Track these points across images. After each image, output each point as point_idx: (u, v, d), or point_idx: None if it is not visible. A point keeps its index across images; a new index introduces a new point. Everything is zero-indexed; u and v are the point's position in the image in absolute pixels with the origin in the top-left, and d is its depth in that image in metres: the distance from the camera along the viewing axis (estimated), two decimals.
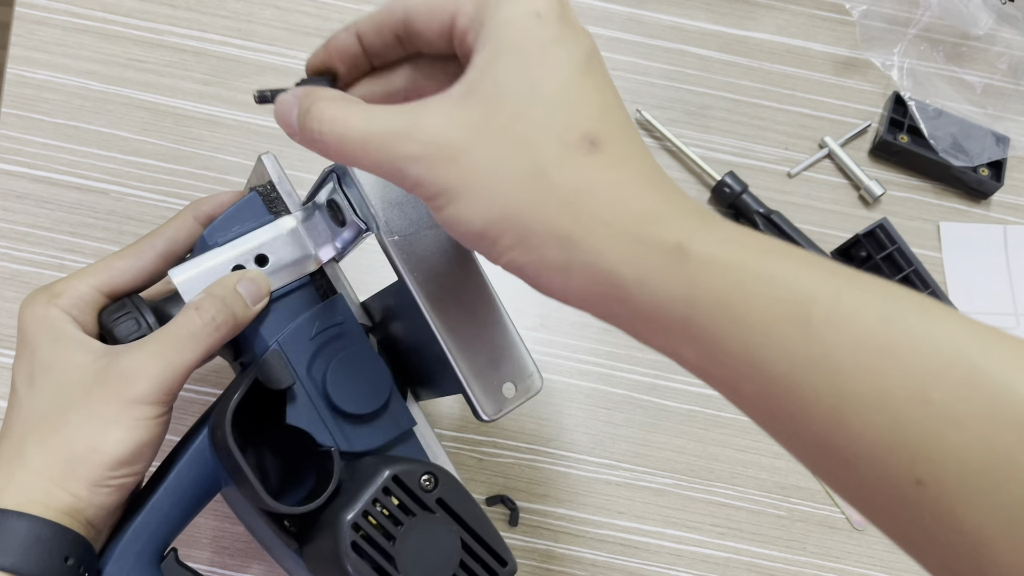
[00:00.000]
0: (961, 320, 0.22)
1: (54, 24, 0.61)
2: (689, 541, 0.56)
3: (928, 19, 0.65)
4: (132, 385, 0.35)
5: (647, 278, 0.25)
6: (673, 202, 0.26)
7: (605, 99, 0.28)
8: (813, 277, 0.24)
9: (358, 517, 0.35)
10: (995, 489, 0.20)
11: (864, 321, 0.22)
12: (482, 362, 0.37)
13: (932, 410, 0.21)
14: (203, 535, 0.53)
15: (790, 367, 0.23)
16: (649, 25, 0.66)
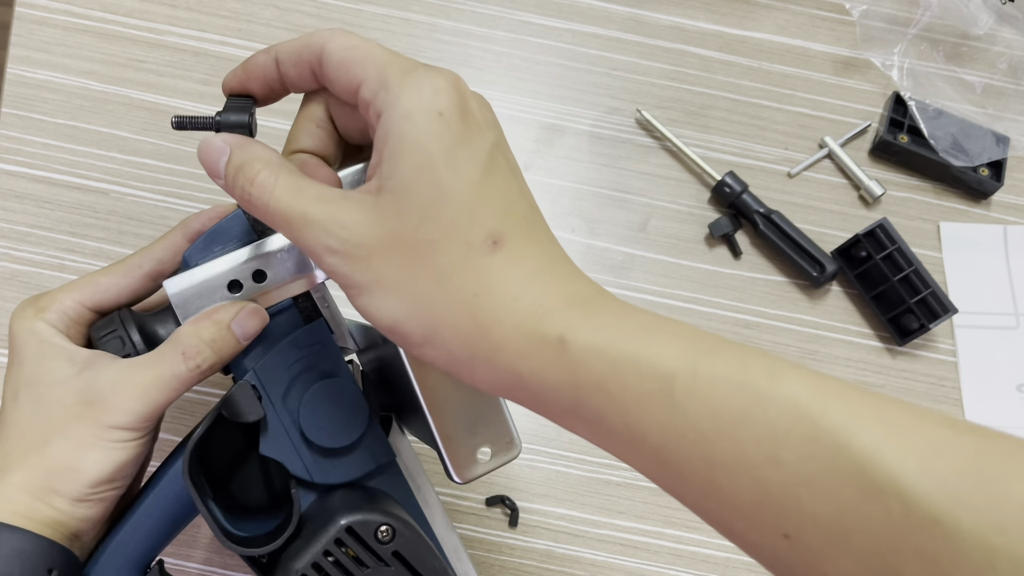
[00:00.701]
0: (807, 379, 0.24)
1: (54, 24, 0.61)
2: (689, 541, 0.56)
3: (928, 19, 0.65)
4: (110, 413, 0.35)
5: (538, 369, 0.27)
6: (560, 292, 0.28)
7: (508, 195, 0.29)
8: (676, 352, 0.26)
9: (307, 568, 0.34)
10: (845, 541, 0.22)
11: (719, 390, 0.24)
12: (460, 425, 0.36)
13: (785, 470, 0.23)
14: (203, 535, 0.53)
15: (664, 439, 0.25)
16: (649, 25, 0.66)
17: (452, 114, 0.28)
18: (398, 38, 0.64)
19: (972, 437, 0.21)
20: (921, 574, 0.20)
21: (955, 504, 0.20)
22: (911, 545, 0.20)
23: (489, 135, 0.29)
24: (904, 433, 0.21)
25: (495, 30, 0.65)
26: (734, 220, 0.61)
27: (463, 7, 0.65)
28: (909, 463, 0.21)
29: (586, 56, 0.65)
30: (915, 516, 0.20)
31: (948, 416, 0.22)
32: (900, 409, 0.22)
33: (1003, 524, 0.19)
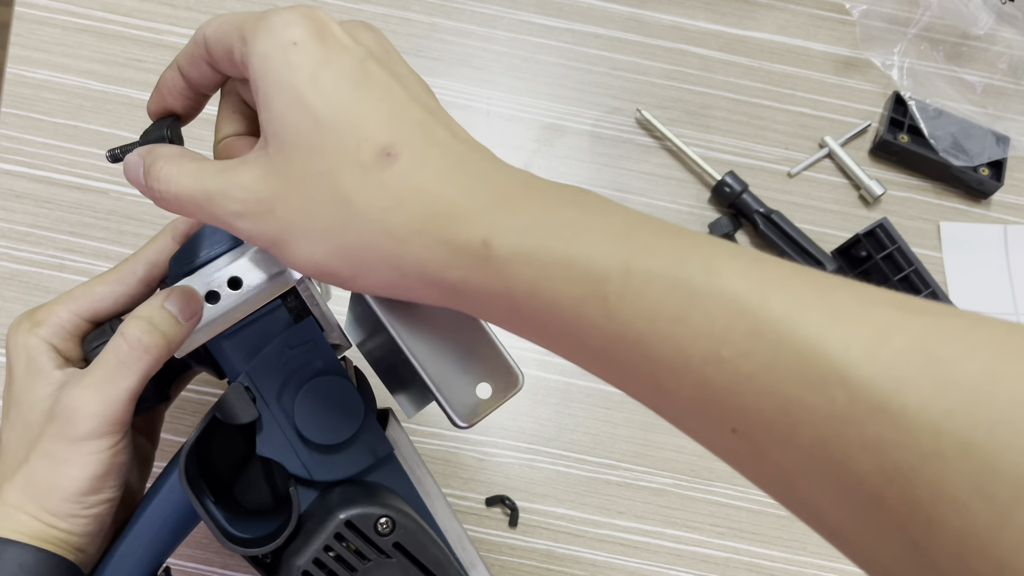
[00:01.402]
0: (746, 270, 0.22)
1: (54, 24, 0.61)
2: (689, 541, 0.56)
3: (928, 19, 0.65)
4: (75, 424, 0.35)
5: (468, 278, 0.26)
6: (476, 193, 0.27)
7: (392, 103, 0.28)
8: (607, 251, 0.24)
9: (308, 565, 0.34)
10: (791, 432, 0.21)
11: (653, 291, 0.23)
12: (451, 364, 0.34)
13: (725, 367, 0.22)
14: (204, 535, 0.53)
15: (604, 343, 0.24)
16: (649, 25, 0.66)
17: (307, 40, 0.27)
18: (398, 38, 0.64)
19: (921, 318, 0.20)
20: (868, 461, 0.20)
21: (901, 389, 0.19)
22: (857, 434, 0.20)
23: (357, 50, 0.28)
24: (849, 319, 0.20)
25: (495, 30, 0.65)
26: (734, 220, 0.61)
27: (463, 7, 0.65)
28: (854, 350, 0.20)
29: (586, 56, 0.65)
30: (860, 404, 0.19)
31: (899, 295, 0.21)
32: (847, 293, 0.21)
33: (950, 407, 0.19)
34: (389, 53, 0.29)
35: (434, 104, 0.29)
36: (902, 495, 0.19)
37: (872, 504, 0.20)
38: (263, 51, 0.27)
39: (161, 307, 0.36)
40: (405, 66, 0.30)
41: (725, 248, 0.23)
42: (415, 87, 0.29)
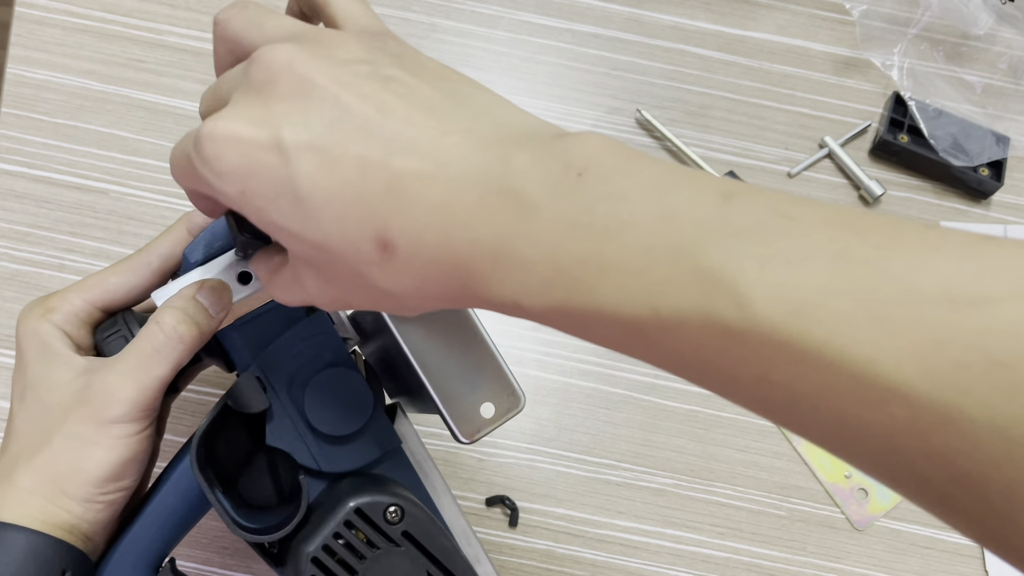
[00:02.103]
0: (778, 291, 0.21)
1: (54, 24, 0.61)
2: (689, 541, 0.56)
3: (928, 19, 0.65)
4: (107, 407, 0.35)
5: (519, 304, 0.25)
6: (486, 246, 0.25)
7: (363, 176, 0.25)
8: (635, 300, 0.23)
9: (318, 551, 0.34)
10: (854, 445, 0.21)
11: (690, 335, 0.22)
12: (457, 382, 0.36)
13: (777, 390, 0.22)
14: (204, 535, 0.53)
15: (653, 363, 0.24)
16: (649, 25, 0.66)
17: (262, 154, 0.26)
18: None
19: (977, 315, 0.19)
20: (937, 469, 0.19)
21: (964, 401, 0.18)
22: (920, 445, 0.19)
23: (302, 137, 0.26)
24: (900, 329, 0.19)
25: (495, 30, 0.65)
26: None
27: (463, 7, 0.65)
28: (908, 366, 0.19)
29: (586, 56, 0.65)
30: (922, 419, 0.19)
31: (948, 284, 0.19)
32: (894, 291, 0.20)
33: (1017, 413, 0.18)
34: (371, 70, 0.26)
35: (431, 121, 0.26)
36: (974, 498, 0.19)
37: (944, 502, 0.20)
38: (232, 193, 0.26)
39: (194, 299, 0.36)
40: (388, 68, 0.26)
41: (749, 266, 0.21)
42: (396, 111, 0.25)
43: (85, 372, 0.36)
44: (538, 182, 0.23)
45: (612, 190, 0.23)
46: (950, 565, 0.57)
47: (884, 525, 0.58)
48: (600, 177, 0.23)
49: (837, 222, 0.21)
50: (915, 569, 0.57)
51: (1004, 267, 0.19)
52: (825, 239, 0.20)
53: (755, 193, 0.22)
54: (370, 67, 0.26)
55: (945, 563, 0.57)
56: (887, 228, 0.20)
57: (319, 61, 0.26)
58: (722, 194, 0.22)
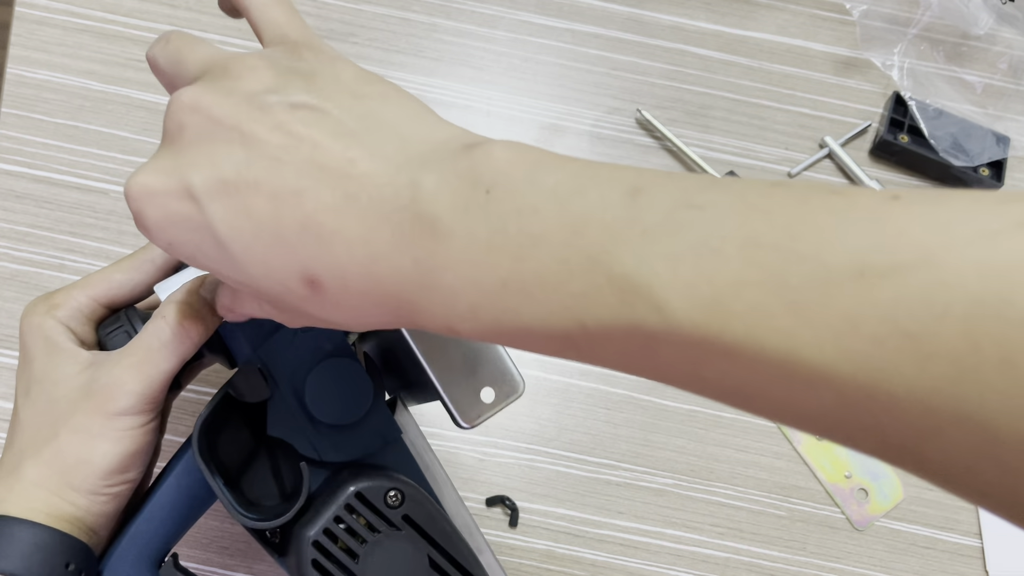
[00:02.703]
0: (692, 290, 0.20)
1: (54, 24, 0.61)
2: (689, 541, 0.56)
3: (928, 19, 0.65)
4: (114, 400, 0.35)
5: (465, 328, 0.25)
6: (406, 271, 0.24)
7: (276, 218, 0.25)
8: (561, 315, 0.22)
9: (319, 535, 0.35)
10: (805, 424, 0.21)
11: (615, 343, 0.22)
12: (457, 367, 0.36)
13: (710, 385, 0.22)
14: (203, 535, 0.53)
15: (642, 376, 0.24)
16: (649, 25, 0.66)
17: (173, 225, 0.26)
18: (398, 38, 0.64)
19: (886, 288, 0.18)
20: (876, 445, 0.19)
21: (882, 376, 0.18)
22: (856, 423, 0.19)
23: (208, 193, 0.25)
24: (815, 315, 0.19)
25: (495, 30, 0.65)
26: None
27: (463, 7, 0.65)
28: (828, 349, 0.19)
29: (586, 56, 0.65)
30: (849, 399, 0.19)
31: (856, 257, 0.19)
32: (807, 282, 0.19)
33: (932, 385, 0.18)
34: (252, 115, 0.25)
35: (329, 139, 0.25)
36: (915, 465, 0.19)
37: (896, 463, 0.20)
38: (162, 246, 0.27)
39: (198, 293, 0.37)
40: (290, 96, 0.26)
41: (661, 255, 0.21)
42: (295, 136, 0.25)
43: (91, 366, 0.37)
44: (448, 205, 0.23)
45: (521, 204, 0.22)
46: (950, 565, 0.57)
47: (884, 525, 0.58)
48: (508, 191, 0.22)
49: (745, 205, 0.20)
50: (915, 569, 0.57)
51: (910, 231, 0.18)
52: (734, 226, 0.20)
53: (662, 184, 0.22)
54: (278, 96, 0.25)
55: (945, 563, 0.57)
56: (794, 204, 0.20)
57: (224, 98, 0.25)
58: (629, 190, 0.22)
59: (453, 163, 0.24)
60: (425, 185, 0.23)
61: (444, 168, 0.24)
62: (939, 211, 0.18)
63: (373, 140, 0.25)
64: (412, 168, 0.24)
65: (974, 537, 0.58)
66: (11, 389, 0.55)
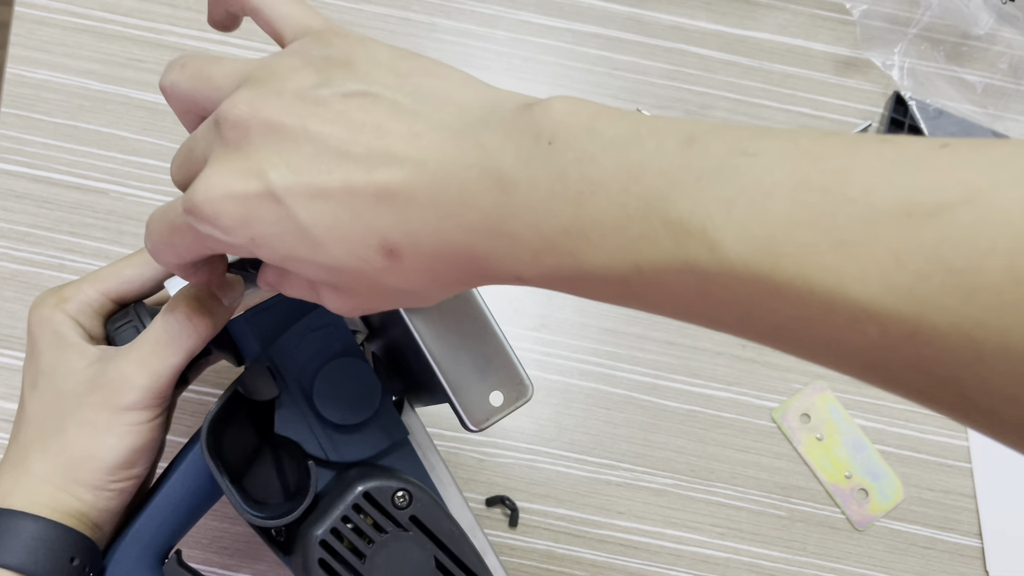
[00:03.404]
0: (746, 230, 0.21)
1: (54, 24, 0.61)
2: (689, 541, 0.56)
3: (928, 19, 0.65)
4: (120, 394, 0.35)
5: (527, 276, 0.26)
6: (480, 231, 0.26)
7: (351, 191, 0.26)
8: (615, 257, 0.24)
9: (326, 534, 0.35)
10: (837, 363, 0.22)
11: (670, 282, 0.23)
12: (468, 371, 0.36)
13: (760, 323, 0.23)
14: (203, 535, 0.53)
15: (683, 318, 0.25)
16: (649, 25, 0.66)
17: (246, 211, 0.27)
18: (398, 37, 0.64)
19: (933, 225, 0.19)
20: (917, 379, 0.20)
21: (926, 310, 0.19)
22: (898, 359, 0.20)
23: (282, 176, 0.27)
24: (862, 253, 0.20)
25: (495, 30, 0.65)
26: None
27: (463, 7, 0.65)
28: (873, 285, 0.20)
29: (586, 56, 0.65)
30: (893, 334, 0.20)
31: (904, 198, 0.19)
32: (855, 222, 0.20)
33: (978, 317, 0.18)
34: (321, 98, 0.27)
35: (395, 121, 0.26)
36: (957, 398, 0.20)
37: (934, 402, 0.21)
38: (243, 243, 0.27)
39: (207, 289, 0.37)
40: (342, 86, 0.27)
41: (716, 199, 0.21)
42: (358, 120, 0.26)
43: (98, 360, 0.37)
44: (512, 158, 0.24)
45: (581, 154, 0.23)
46: (950, 565, 0.57)
47: (884, 525, 0.58)
48: (569, 142, 0.24)
49: (796, 152, 0.21)
50: (915, 569, 0.57)
51: (957, 173, 0.19)
52: (785, 171, 0.21)
53: (715, 133, 0.23)
54: (329, 88, 0.27)
55: (945, 563, 0.57)
56: (844, 150, 0.21)
57: (278, 100, 0.27)
58: (684, 139, 0.23)
59: (514, 121, 0.25)
60: (489, 143, 0.25)
61: (505, 126, 0.25)
62: (986, 155, 0.19)
63: (431, 112, 0.26)
64: (474, 131, 0.25)
65: (974, 537, 0.58)
66: (11, 389, 0.55)
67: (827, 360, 0.22)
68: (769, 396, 0.59)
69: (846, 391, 0.59)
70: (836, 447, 0.58)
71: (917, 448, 0.59)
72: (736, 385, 0.59)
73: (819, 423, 0.59)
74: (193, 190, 0.27)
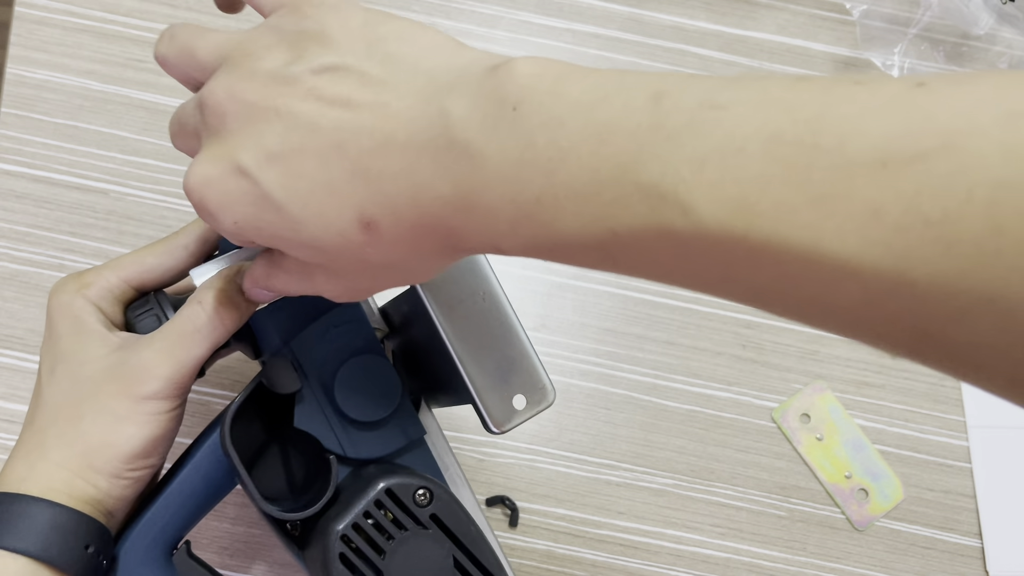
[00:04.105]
0: (718, 190, 0.20)
1: (54, 24, 0.61)
2: (689, 541, 0.56)
3: (928, 19, 0.65)
4: (142, 383, 0.35)
5: None
6: (464, 197, 0.26)
7: (324, 162, 0.27)
8: (590, 223, 0.23)
9: (348, 529, 0.35)
10: (821, 322, 0.22)
11: (647, 245, 0.22)
12: (492, 374, 0.36)
13: (737, 287, 0.22)
14: (203, 535, 0.53)
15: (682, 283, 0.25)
16: (649, 25, 0.66)
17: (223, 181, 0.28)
18: None
19: (909, 176, 0.18)
20: (901, 334, 0.20)
21: (906, 264, 0.18)
22: (881, 314, 0.20)
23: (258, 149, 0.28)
24: (838, 208, 0.19)
25: (495, 30, 0.65)
26: None
27: (463, 7, 0.65)
28: (851, 241, 0.19)
29: (586, 56, 0.65)
30: (874, 288, 0.19)
31: (879, 148, 0.18)
32: (829, 176, 0.19)
33: (959, 267, 0.18)
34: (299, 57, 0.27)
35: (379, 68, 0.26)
36: (942, 352, 0.19)
37: (921, 356, 0.20)
38: (228, 226, 0.28)
39: (234, 280, 0.37)
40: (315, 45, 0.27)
41: (686, 159, 0.21)
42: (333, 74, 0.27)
43: (120, 348, 0.37)
44: (478, 126, 0.24)
45: (547, 118, 0.23)
46: (950, 565, 0.57)
47: (884, 525, 0.58)
48: (534, 106, 0.23)
49: (767, 102, 0.20)
50: (915, 569, 0.57)
51: (934, 117, 0.18)
52: (757, 124, 0.20)
53: (683, 85, 0.22)
54: (299, 65, 0.27)
55: (945, 563, 0.57)
56: (816, 96, 0.20)
57: (251, 82, 0.27)
58: (652, 95, 0.22)
59: (479, 85, 0.24)
60: (455, 111, 0.24)
61: (471, 92, 0.24)
62: (963, 95, 0.18)
63: (399, 80, 0.26)
64: (440, 97, 0.25)
65: (974, 537, 0.58)
66: (11, 389, 0.55)
67: (812, 319, 0.21)
68: (769, 396, 0.59)
69: (846, 391, 0.59)
70: (836, 447, 0.58)
71: (917, 448, 0.59)
72: (736, 385, 0.59)
73: (819, 423, 0.59)
74: (184, 178, 0.28)
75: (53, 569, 0.33)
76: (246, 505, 0.54)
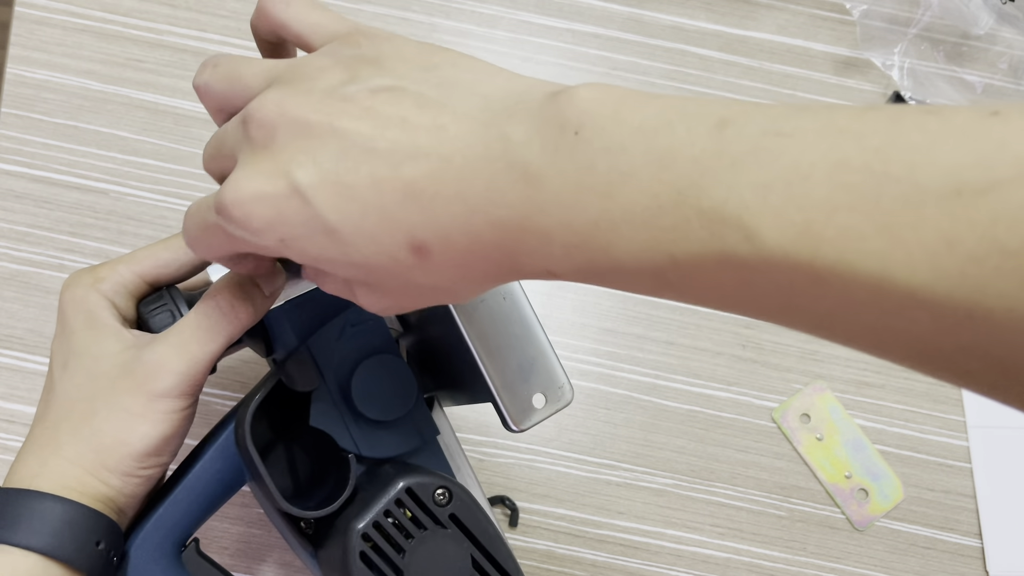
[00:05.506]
0: (784, 217, 0.20)
1: (54, 24, 0.61)
2: (689, 541, 0.56)
3: (928, 19, 0.65)
4: (156, 380, 0.35)
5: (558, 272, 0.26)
6: (510, 227, 0.25)
7: (378, 186, 0.26)
8: (649, 248, 0.23)
9: (368, 527, 0.35)
10: (886, 353, 0.21)
11: (707, 272, 0.22)
12: (512, 372, 0.37)
13: (804, 315, 0.22)
14: (203, 535, 0.53)
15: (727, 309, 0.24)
16: (649, 25, 0.66)
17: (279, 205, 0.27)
18: None
19: (984, 206, 0.18)
20: (975, 364, 0.19)
21: (981, 295, 0.18)
22: (953, 343, 0.19)
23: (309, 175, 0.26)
24: (908, 236, 0.19)
25: (495, 30, 0.65)
26: None
27: (463, 7, 0.65)
28: (921, 270, 0.19)
29: (586, 56, 0.65)
30: (947, 318, 0.19)
31: (952, 176, 0.18)
32: (899, 204, 0.19)
33: None
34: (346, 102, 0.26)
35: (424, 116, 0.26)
36: (1020, 382, 0.19)
37: (994, 388, 0.20)
38: (272, 244, 0.27)
39: (250, 278, 0.36)
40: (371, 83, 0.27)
41: (751, 185, 0.20)
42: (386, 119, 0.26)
43: (134, 345, 0.36)
44: (538, 150, 0.23)
45: (608, 143, 0.23)
46: (950, 565, 0.57)
47: (884, 525, 0.58)
48: (596, 131, 0.23)
49: (833, 130, 0.20)
50: (915, 569, 0.57)
51: (1008, 146, 0.18)
52: (822, 151, 0.20)
53: (748, 114, 0.22)
54: (356, 85, 0.26)
55: (945, 563, 0.57)
56: (884, 125, 0.20)
57: (305, 98, 0.27)
58: (716, 123, 0.22)
59: (540, 110, 0.24)
60: (515, 135, 0.24)
61: (531, 116, 0.24)
62: None
63: (457, 104, 0.25)
64: (500, 122, 0.25)
65: (974, 537, 0.58)
66: (11, 389, 0.55)
67: (877, 348, 0.21)
68: (769, 396, 0.59)
69: (846, 391, 0.59)
70: (836, 447, 0.58)
71: (917, 448, 0.59)
72: (736, 385, 0.59)
73: (819, 423, 0.59)
74: (223, 192, 0.27)
75: (65, 566, 0.33)
76: (246, 505, 0.54)
